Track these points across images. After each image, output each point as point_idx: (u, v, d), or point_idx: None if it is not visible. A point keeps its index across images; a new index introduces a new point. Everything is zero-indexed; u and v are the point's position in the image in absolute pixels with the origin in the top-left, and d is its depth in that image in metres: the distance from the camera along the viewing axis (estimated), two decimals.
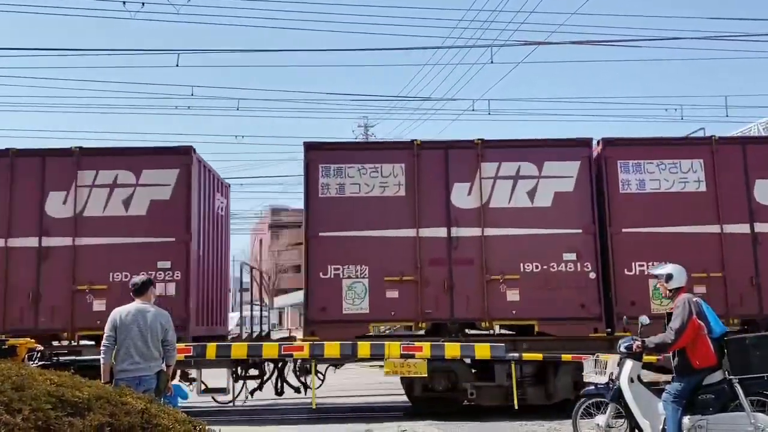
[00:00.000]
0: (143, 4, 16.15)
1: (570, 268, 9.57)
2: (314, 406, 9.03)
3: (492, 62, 23.49)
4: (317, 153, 9.92)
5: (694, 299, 5.90)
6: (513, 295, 9.52)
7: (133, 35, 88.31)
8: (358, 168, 9.81)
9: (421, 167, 9.84)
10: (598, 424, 6.34)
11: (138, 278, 5.94)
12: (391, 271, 9.55)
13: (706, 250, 9.57)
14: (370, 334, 9.68)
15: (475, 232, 9.67)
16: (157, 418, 3.53)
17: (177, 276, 9.53)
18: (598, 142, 10.13)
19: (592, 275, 9.54)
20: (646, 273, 9.39)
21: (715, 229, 9.65)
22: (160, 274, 9.42)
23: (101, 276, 9.51)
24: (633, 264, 9.57)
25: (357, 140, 28.74)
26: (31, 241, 9.65)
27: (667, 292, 6.10)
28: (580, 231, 9.66)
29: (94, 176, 9.81)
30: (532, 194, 9.77)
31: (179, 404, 6.79)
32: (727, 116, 51.36)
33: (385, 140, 11.03)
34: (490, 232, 9.66)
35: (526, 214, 9.72)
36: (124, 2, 13.66)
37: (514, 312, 9.52)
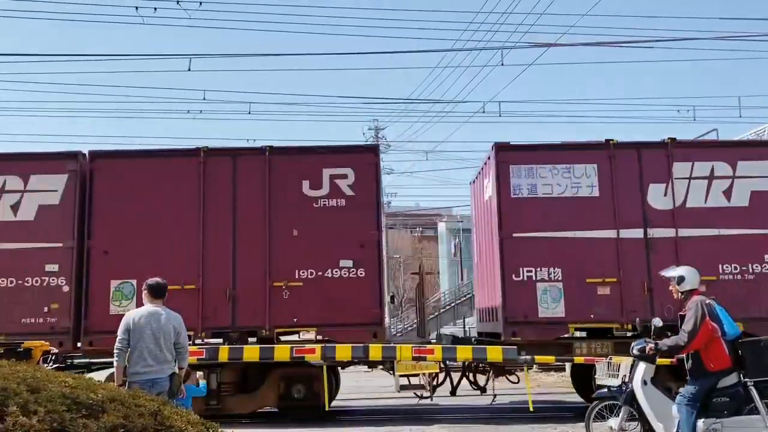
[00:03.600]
0: (155, 9, 16.27)
1: None
2: (327, 408, 9.03)
3: (503, 64, 23.30)
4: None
5: (707, 301, 5.85)
6: None
7: (145, 40, 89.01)
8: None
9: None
10: (611, 427, 6.30)
11: (155, 280, 5.93)
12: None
13: None
14: None
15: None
16: (170, 419, 3.55)
17: None
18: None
19: None
20: None
21: None
22: None
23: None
24: None
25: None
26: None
27: (679, 294, 6.05)
28: None
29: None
30: None
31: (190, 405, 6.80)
32: (740, 117, 51.12)
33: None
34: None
35: None
36: (136, 7, 13.83)
37: None
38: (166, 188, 9.75)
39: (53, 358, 8.27)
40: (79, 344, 9.46)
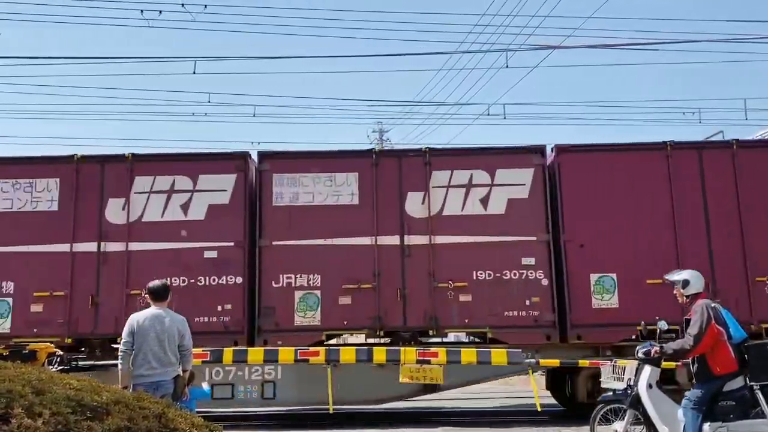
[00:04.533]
0: (160, 12, 16.40)
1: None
2: (331, 411, 9.03)
3: (507, 66, 23.49)
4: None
5: (713, 305, 5.83)
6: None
7: (149, 43, 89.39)
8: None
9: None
10: (616, 431, 6.28)
11: (156, 283, 5.93)
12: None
13: None
14: None
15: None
16: (174, 422, 3.56)
17: None
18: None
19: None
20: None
21: None
22: None
23: None
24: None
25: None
26: None
27: (684, 298, 6.03)
28: None
29: None
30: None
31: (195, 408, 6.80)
32: (746, 119, 50.80)
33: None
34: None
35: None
36: (141, 11, 13.90)
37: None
38: (633, 182, 9.76)
39: (58, 360, 8.30)
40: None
